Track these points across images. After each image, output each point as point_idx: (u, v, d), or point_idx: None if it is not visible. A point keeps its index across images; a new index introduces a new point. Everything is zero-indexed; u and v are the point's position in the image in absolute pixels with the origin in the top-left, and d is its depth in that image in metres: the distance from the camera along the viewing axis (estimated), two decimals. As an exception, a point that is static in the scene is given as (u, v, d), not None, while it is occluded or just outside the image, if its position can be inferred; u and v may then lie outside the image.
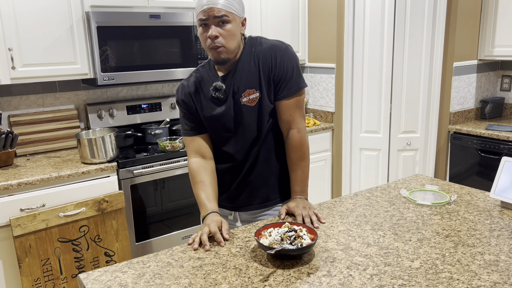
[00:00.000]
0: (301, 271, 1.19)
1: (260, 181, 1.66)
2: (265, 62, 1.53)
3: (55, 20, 2.46)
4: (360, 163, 3.45)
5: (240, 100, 1.55)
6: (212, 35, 1.44)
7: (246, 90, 1.54)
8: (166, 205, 2.70)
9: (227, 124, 1.58)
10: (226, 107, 1.56)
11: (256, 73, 1.54)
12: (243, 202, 1.69)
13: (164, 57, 2.74)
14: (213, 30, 1.44)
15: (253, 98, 1.54)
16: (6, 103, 2.70)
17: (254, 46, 1.56)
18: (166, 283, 1.16)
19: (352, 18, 3.22)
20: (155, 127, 2.96)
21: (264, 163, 1.64)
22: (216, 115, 1.58)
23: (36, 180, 2.23)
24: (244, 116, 1.57)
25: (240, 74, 1.55)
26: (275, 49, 1.53)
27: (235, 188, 1.68)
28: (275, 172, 1.67)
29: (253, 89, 1.54)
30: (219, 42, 1.45)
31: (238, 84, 1.55)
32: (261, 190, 1.67)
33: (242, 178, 1.65)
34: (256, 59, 1.54)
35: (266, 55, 1.53)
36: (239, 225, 1.73)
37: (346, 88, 3.32)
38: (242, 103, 1.55)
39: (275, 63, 1.52)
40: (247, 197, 1.68)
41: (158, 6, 2.74)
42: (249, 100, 1.55)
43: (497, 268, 1.17)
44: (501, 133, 3.00)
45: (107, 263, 2.45)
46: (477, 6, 3.26)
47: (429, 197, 1.72)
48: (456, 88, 3.27)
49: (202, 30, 1.47)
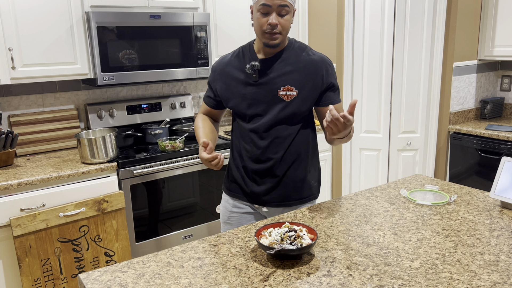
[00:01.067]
0: (301, 271, 1.19)
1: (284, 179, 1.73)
2: (316, 71, 1.65)
3: (55, 20, 2.46)
4: (360, 163, 3.45)
5: (277, 91, 1.64)
6: (273, 23, 1.53)
7: (287, 86, 1.64)
8: (166, 205, 2.70)
9: (256, 105, 1.67)
10: (259, 90, 1.65)
11: (302, 75, 1.64)
12: (262, 196, 1.75)
13: (164, 57, 2.74)
14: (274, 18, 1.53)
15: (290, 94, 1.64)
16: (6, 103, 2.70)
17: (304, 51, 1.68)
18: (166, 283, 1.16)
19: (352, 18, 3.22)
20: (155, 127, 2.96)
21: (287, 162, 1.71)
22: (247, 94, 1.67)
23: (36, 180, 2.23)
24: (275, 106, 1.65)
25: (283, 66, 1.65)
26: (326, 62, 1.68)
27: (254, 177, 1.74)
28: (300, 174, 1.74)
29: (293, 87, 1.64)
30: (278, 30, 1.56)
31: (277, 75, 1.64)
32: (283, 189, 1.73)
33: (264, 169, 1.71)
34: (305, 64, 1.65)
35: (318, 65, 1.66)
36: (265, 210, 1.79)
37: (346, 88, 3.32)
38: (278, 95, 1.64)
39: (327, 73, 1.66)
40: (264, 192, 1.74)
41: (158, 6, 2.74)
42: (286, 96, 1.64)
43: (497, 268, 1.17)
44: (501, 133, 3.00)
45: (107, 263, 2.45)
46: (477, 6, 3.26)
47: (429, 197, 1.73)
48: (456, 88, 3.27)
49: (260, 15, 1.56)
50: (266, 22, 1.55)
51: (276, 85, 1.64)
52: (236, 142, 1.79)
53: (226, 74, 1.72)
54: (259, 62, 1.65)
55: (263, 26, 1.56)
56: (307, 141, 1.74)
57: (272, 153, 1.69)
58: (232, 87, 1.70)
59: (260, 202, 1.76)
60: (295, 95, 1.64)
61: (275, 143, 1.69)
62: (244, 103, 1.68)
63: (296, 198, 1.75)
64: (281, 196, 1.74)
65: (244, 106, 1.68)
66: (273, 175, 1.72)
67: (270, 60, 1.65)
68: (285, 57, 1.65)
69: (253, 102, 1.67)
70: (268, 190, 1.73)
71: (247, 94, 1.67)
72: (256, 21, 1.59)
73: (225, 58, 1.75)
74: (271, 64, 1.65)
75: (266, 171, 1.71)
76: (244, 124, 1.72)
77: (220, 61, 1.76)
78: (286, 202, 1.74)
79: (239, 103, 1.69)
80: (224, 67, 1.73)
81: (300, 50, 1.68)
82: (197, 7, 2.89)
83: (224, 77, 1.72)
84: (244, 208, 1.81)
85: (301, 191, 1.75)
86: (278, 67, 1.65)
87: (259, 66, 1.64)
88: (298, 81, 1.64)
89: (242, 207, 1.82)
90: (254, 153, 1.71)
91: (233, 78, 1.70)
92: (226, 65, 1.73)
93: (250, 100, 1.67)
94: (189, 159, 2.70)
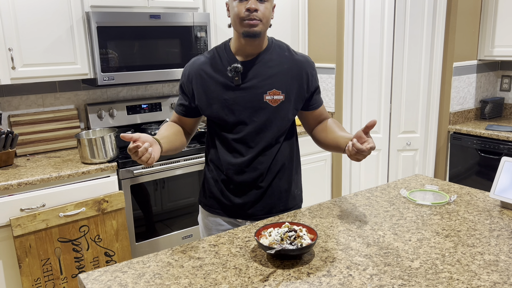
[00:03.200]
0: (301, 271, 1.19)
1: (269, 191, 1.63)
2: (301, 73, 1.58)
3: (55, 20, 2.46)
4: (360, 163, 3.45)
5: (263, 96, 1.53)
6: (252, 8, 1.42)
7: (273, 89, 1.54)
8: (166, 205, 2.70)
9: (239, 111, 1.54)
10: (243, 95, 1.53)
11: (288, 77, 1.55)
12: (246, 209, 1.64)
13: (164, 57, 2.74)
14: (252, 3, 1.43)
15: (277, 99, 1.54)
16: (6, 103, 2.70)
17: (286, 51, 1.59)
18: (166, 283, 1.16)
19: (352, 18, 3.22)
20: (155, 127, 2.96)
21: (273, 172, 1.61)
22: (229, 99, 1.53)
23: (36, 180, 2.23)
24: (262, 112, 1.54)
25: (266, 69, 1.54)
26: (310, 63, 1.61)
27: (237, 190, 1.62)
28: (285, 184, 1.65)
29: (279, 91, 1.54)
30: (257, 16, 1.45)
31: (261, 78, 1.54)
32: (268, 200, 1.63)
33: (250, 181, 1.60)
34: (290, 65, 1.56)
35: (303, 67, 1.58)
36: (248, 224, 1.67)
37: (346, 88, 3.32)
38: (265, 100, 1.53)
39: (312, 77, 1.60)
40: (249, 205, 1.63)
41: (158, 6, 2.74)
42: (273, 100, 1.54)
43: (497, 268, 1.17)
44: (501, 133, 3.01)
45: (107, 263, 2.45)
46: (477, 6, 3.26)
47: (429, 197, 1.73)
48: (456, 88, 3.27)
49: (238, 2, 1.45)
50: (244, 9, 1.43)
51: (262, 89, 1.52)
52: (213, 153, 1.64)
53: (202, 77, 1.56)
54: (240, 65, 1.52)
55: (241, 13, 1.44)
56: (292, 148, 1.66)
57: (259, 163, 1.57)
58: (210, 91, 1.55)
59: (244, 215, 1.64)
60: (282, 99, 1.54)
61: (263, 153, 1.57)
62: (225, 110, 1.54)
63: (281, 210, 1.66)
64: (265, 208, 1.63)
65: (225, 113, 1.54)
66: (258, 187, 1.60)
67: (251, 62, 1.54)
68: (267, 59, 1.55)
69: (235, 108, 1.53)
70: (252, 202, 1.62)
71: (229, 99, 1.53)
72: (233, 11, 1.47)
73: (199, 60, 1.59)
74: (253, 66, 1.53)
75: (250, 183, 1.60)
76: (226, 134, 1.57)
77: (193, 63, 1.59)
78: (271, 215, 1.64)
79: (219, 109, 1.54)
80: (199, 70, 1.57)
81: (281, 49, 1.58)
82: (197, 7, 2.89)
83: (200, 80, 1.56)
84: (224, 225, 1.68)
85: (286, 201, 1.66)
86: (261, 70, 1.53)
87: (241, 68, 1.51)
88: (284, 84, 1.54)
89: (222, 224, 1.69)
90: (239, 165, 1.57)
91: (211, 82, 1.55)
92: (201, 68, 1.57)
93: (232, 106, 1.53)
94: (189, 159, 2.70)
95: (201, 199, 1.74)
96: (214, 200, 1.67)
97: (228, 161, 1.59)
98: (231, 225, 1.69)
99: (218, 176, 1.64)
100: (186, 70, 1.61)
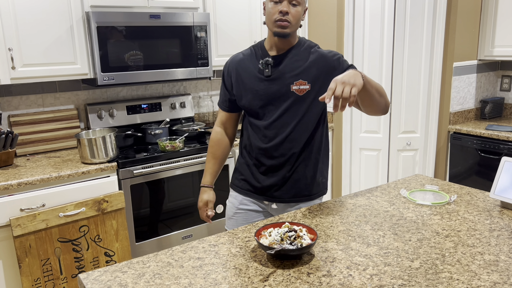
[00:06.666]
0: (301, 271, 1.19)
1: (295, 175, 1.75)
2: (327, 64, 1.67)
3: (55, 20, 2.46)
4: (360, 163, 3.45)
5: (290, 86, 1.67)
6: (284, 10, 1.57)
7: (299, 80, 1.67)
8: (166, 205, 2.70)
9: (268, 100, 1.69)
10: (272, 85, 1.68)
11: (314, 69, 1.67)
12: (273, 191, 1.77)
13: (164, 57, 2.74)
14: (285, 6, 1.58)
15: (303, 89, 1.67)
16: (6, 103, 2.70)
17: (314, 48, 1.72)
18: (166, 283, 1.16)
19: (352, 18, 3.22)
20: (155, 127, 2.96)
21: (300, 159, 1.74)
22: (260, 90, 1.69)
23: (36, 180, 2.23)
24: (289, 101, 1.68)
25: (294, 62, 1.68)
26: (335, 54, 1.70)
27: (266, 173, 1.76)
28: (310, 171, 1.76)
29: (306, 81, 1.67)
30: (288, 19, 1.59)
31: (289, 70, 1.67)
32: (293, 185, 1.75)
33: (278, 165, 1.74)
34: (316, 58, 1.68)
35: (329, 58, 1.69)
36: (274, 207, 1.81)
37: (346, 88, 3.31)
38: (292, 90, 1.67)
39: (338, 63, 1.68)
40: (275, 188, 1.76)
41: (158, 6, 2.74)
42: (299, 90, 1.67)
43: (497, 268, 1.17)
44: (501, 133, 3.01)
45: (107, 263, 2.45)
46: (477, 6, 3.26)
47: (429, 197, 1.73)
48: (456, 88, 3.27)
49: (273, 4, 1.60)
50: (278, 11, 1.59)
51: (289, 79, 1.67)
52: (246, 140, 1.82)
53: (239, 71, 1.75)
54: (271, 59, 1.69)
55: (274, 14, 1.60)
56: (320, 138, 1.77)
57: (286, 149, 1.71)
58: (245, 83, 1.73)
59: (270, 197, 1.78)
60: (308, 89, 1.67)
61: (289, 139, 1.70)
62: (257, 99, 1.70)
63: (306, 195, 1.78)
64: (290, 192, 1.76)
65: (256, 102, 1.71)
66: (285, 171, 1.74)
67: (281, 56, 1.69)
68: (295, 53, 1.69)
69: (266, 98, 1.69)
70: (279, 186, 1.75)
71: (260, 90, 1.69)
72: (268, 12, 1.63)
73: (237, 57, 1.78)
74: (282, 60, 1.69)
75: (278, 167, 1.74)
76: (257, 121, 1.74)
77: (232, 59, 1.80)
78: (296, 198, 1.77)
79: (252, 99, 1.71)
80: (237, 64, 1.76)
81: (309, 47, 1.72)
82: (197, 7, 2.89)
83: (237, 74, 1.75)
84: (251, 206, 1.83)
85: (310, 188, 1.77)
86: (289, 62, 1.68)
87: (272, 61, 1.68)
88: (311, 75, 1.67)
89: (249, 205, 1.84)
90: (267, 150, 1.73)
91: (246, 75, 1.73)
92: (239, 63, 1.76)
93: (263, 96, 1.69)
94: (189, 159, 2.70)
95: (233, 182, 1.90)
96: (245, 182, 1.83)
97: (258, 146, 1.75)
98: (258, 206, 1.84)
99: (250, 160, 1.80)
100: (226, 66, 1.81)
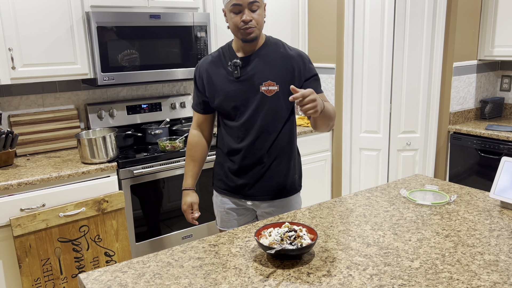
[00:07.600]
0: (301, 271, 1.19)
1: (267, 174, 1.80)
2: (293, 65, 1.72)
3: (55, 20, 2.46)
4: (360, 163, 3.45)
5: (259, 87, 1.71)
6: (247, 19, 1.62)
7: (268, 81, 1.71)
8: (166, 205, 2.70)
9: (239, 101, 1.73)
10: (242, 86, 1.72)
11: (281, 70, 1.72)
12: (246, 190, 1.83)
13: (164, 57, 2.74)
14: (247, 15, 1.62)
15: (271, 89, 1.72)
16: (6, 103, 2.70)
17: (282, 48, 1.76)
18: (166, 283, 1.16)
19: (352, 18, 3.22)
20: (155, 127, 2.96)
21: (272, 157, 1.79)
22: (231, 91, 1.73)
23: (36, 180, 2.23)
24: (258, 101, 1.72)
25: (262, 63, 1.72)
26: (302, 57, 1.76)
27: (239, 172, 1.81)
28: (283, 169, 1.81)
29: (274, 82, 1.71)
30: (252, 25, 1.64)
31: (258, 71, 1.72)
32: (266, 183, 1.81)
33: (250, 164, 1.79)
34: (283, 59, 1.73)
35: (295, 60, 1.74)
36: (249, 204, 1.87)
37: (346, 88, 3.32)
38: (261, 90, 1.71)
39: (303, 69, 1.74)
40: (249, 186, 1.82)
41: (158, 6, 2.74)
42: (268, 90, 1.72)
43: (497, 268, 1.17)
44: (501, 133, 3.01)
45: (107, 263, 2.45)
46: (477, 6, 3.26)
47: (429, 197, 1.73)
48: (456, 88, 3.27)
49: (234, 14, 1.64)
50: (240, 20, 1.63)
51: (258, 80, 1.71)
52: (220, 140, 1.87)
53: (210, 73, 1.79)
54: (239, 60, 1.73)
55: (238, 24, 1.64)
56: (290, 135, 1.82)
57: (258, 148, 1.76)
58: (216, 85, 1.76)
59: (245, 196, 1.84)
60: (276, 89, 1.72)
61: (261, 138, 1.75)
62: (229, 100, 1.74)
63: (279, 192, 1.83)
64: (264, 190, 1.81)
65: (228, 103, 1.75)
66: (257, 170, 1.79)
67: (249, 58, 1.73)
68: (263, 54, 1.73)
69: (237, 99, 1.73)
70: (252, 184, 1.81)
71: (231, 91, 1.73)
72: (231, 21, 1.67)
73: (207, 59, 1.82)
74: (251, 61, 1.73)
75: (250, 166, 1.79)
76: (230, 122, 1.79)
77: (203, 62, 1.83)
78: (269, 196, 1.82)
79: (224, 101, 1.75)
80: (207, 67, 1.80)
81: (276, 46, 1.76)
82: (197, 7, 2.89)
83: (208, 76, 1.79)
84: (230, 204, 1.91)
85: (284, 185, 1.82)
86: (257, 64, 1.72)
87: (240, 63, 1.72)
88: (278, 76, 1.72)
89: (228, 203, 1.91)
90: (239, 149, 1.78)
91: (216, 77, 1.77)
92: (209, 65, 1.80)
93: (234, 96, 1.73)
94: (189, 159, 2.70)
95: (213, 182, 1.97)
96: (221, 182, 1.90)
97: (231, 146, 1.80)
98: (235, 204, 1.91)
99: (224, 161, 1.86)
100: (197, 69, 1.84)
